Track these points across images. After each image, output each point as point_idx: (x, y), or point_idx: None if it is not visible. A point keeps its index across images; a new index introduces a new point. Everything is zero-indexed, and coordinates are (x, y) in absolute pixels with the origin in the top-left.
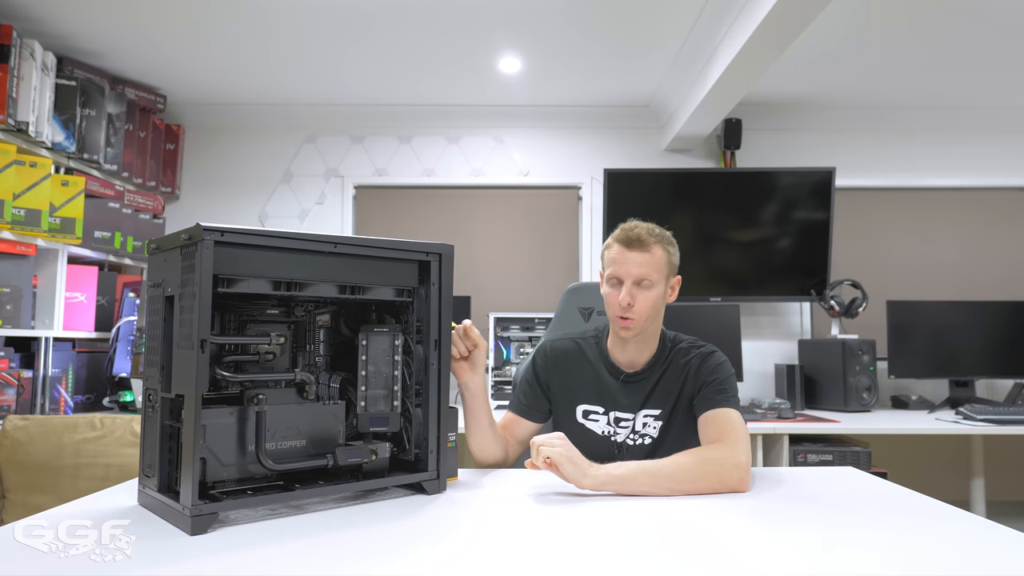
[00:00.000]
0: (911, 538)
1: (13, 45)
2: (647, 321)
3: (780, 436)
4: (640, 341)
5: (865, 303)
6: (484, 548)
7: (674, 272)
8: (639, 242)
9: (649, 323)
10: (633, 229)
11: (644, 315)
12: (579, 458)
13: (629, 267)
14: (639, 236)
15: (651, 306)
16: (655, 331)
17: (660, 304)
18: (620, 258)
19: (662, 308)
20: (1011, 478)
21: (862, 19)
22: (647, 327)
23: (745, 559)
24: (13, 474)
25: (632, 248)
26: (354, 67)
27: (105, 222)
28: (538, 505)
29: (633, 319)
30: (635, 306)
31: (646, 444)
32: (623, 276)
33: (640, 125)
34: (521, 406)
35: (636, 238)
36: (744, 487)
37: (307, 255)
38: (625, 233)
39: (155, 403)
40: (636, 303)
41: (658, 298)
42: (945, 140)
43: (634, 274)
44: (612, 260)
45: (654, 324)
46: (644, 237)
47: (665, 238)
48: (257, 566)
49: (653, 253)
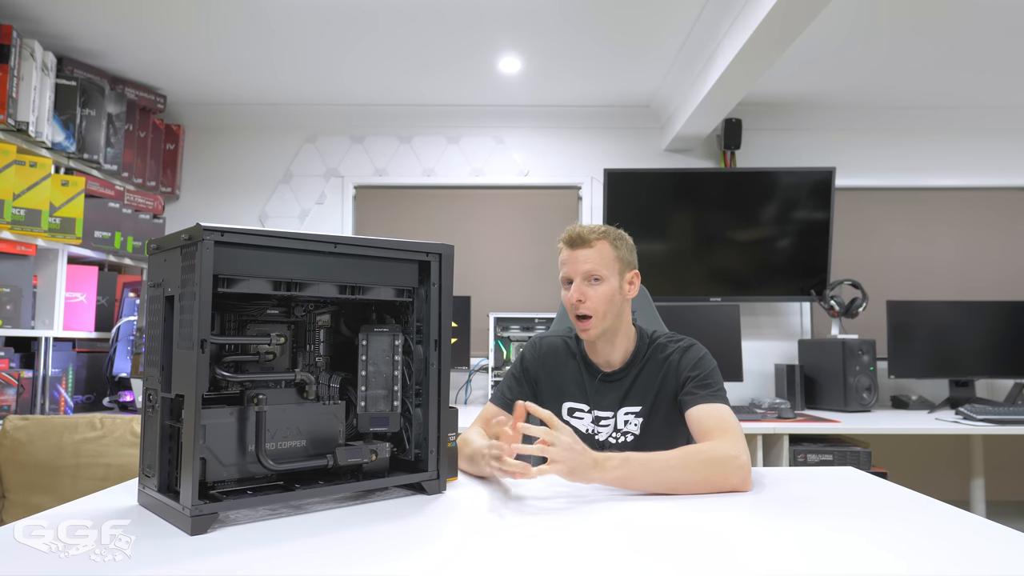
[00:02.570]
0: (911, 538)
1: (13, 45)
2: (603, 318)
3: (780, 436)
4: (608, 340)
5: (865, 303)
6: (484, 548)
7: (629, 267)
8: (581, 239)
9: (608, 320)
10: (575, 229)
11: (599, 311)
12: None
13: (576, 264)
14: (580, 234)
15: (604, 301)
16: (624, 329)
17: (615, 299)
18: (567, 258)
19: (622, 304)
20: (1011, 478)
21: (862, 19)
22: (606, 325)
23: (745, 559)
24: (13, 474)
25: (575, 247)
26: (354, 67)
27: (105, 222)
28: (538, 505)
29: (589, 317)
30: (586, 302)
31: (628, 442)
32: (572, 275)
33: (640, 125)
34: (506, 400)
35: (578, 236)
36: (746, 487)
37: (307, 255)
38: (568, 234)
39: (155, 403)
40: (587, 299)
41: (611, 292)
42: (945, 140)
43: (581, 271)
44: (562, 262)
45: (617, 321)
46: (586, 235)
47: (611, 234)
48: (257, 566)
49: (598, 248)
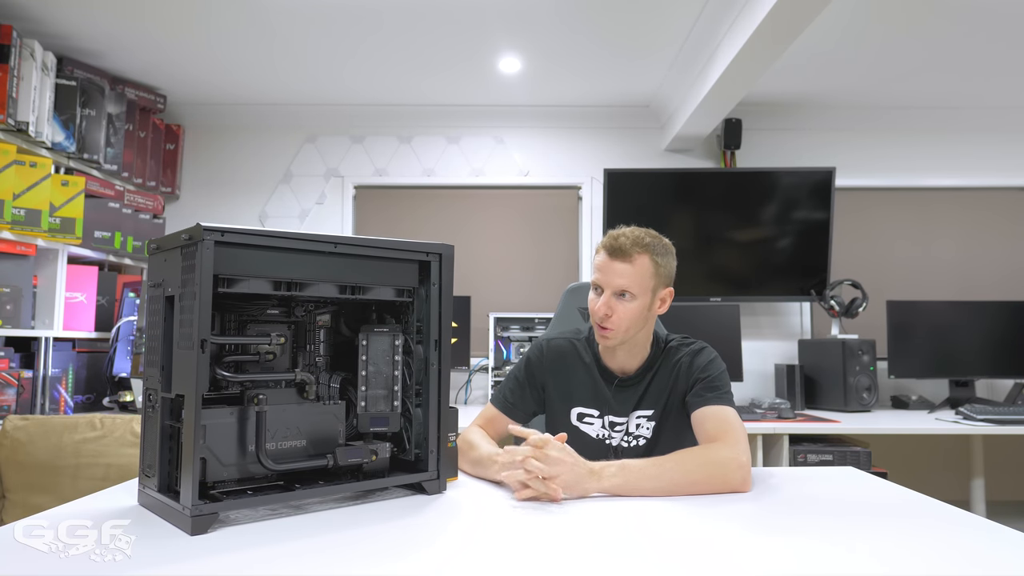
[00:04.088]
0: (911, 538)
1: (13, 45)
2: (626, 333)
3: (780, 436)
4: (627, 349)
5: (865, 303)
6: (484, 548)
7: (664, 283)
8: (622, 252)
9: (630, 334)
10: (619, 237)
11: (622, 327)
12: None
13: (610, 276)
14: (622, 246)
15: (630, 319)
16: (644, 339)
17: (642, 316)
18: (603, 266)
19: (648, 319)
20: (1011, 478)
21: (862, 19)
22: (628, 338)
23: (745, 559)
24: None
25: (615, 257)
26: (354, 67)
27: (105, 222)
28: (538, 505)
29: (611, 329)
30: (612, 317)
31: (640, 445)
32: (604, 285)
33: (640, 125)
34: (506, 403)
35: (620, 248)
36: (746, 487)
37: (307, 255)
38: (611, 240)
39: (155, 403)
40: (614, 315)
41: (640, 310)
42: (945, 140)
43: (614, 284)
44: (597, 267)
45: (641, 334)
46: (628, 248)
47: (656, 248)
48: (257, 566)
49: (637, 264)
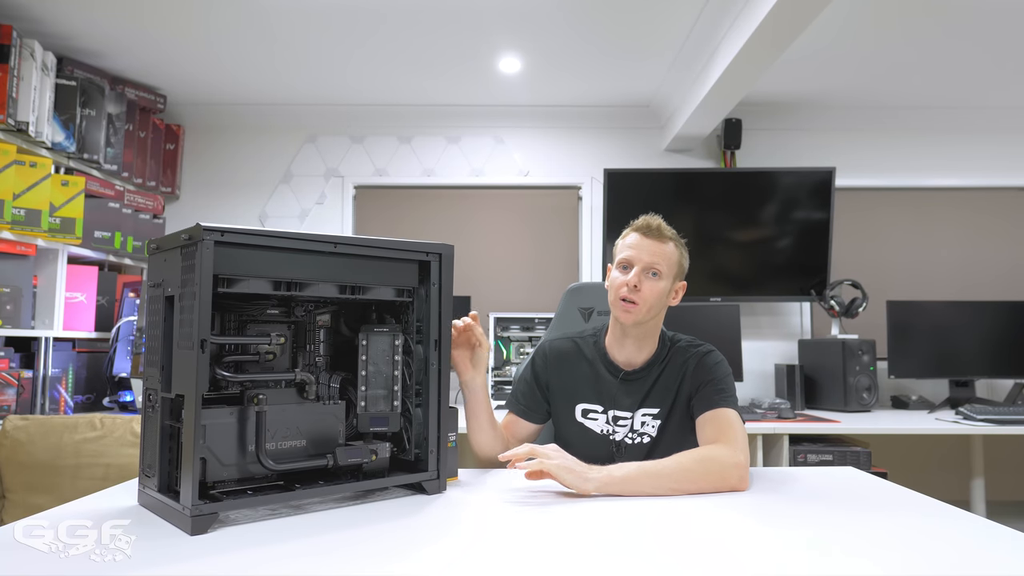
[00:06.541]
0: (911, 538)
1: (13, 45)
2: (649, 311)
3: (780, 436)
4: (639, 337)
5: (865, 303)
6: (484, 548)
7: (681, 275)
8: (658, 232)
9: (650, 315)
10: (653, 219)
11: (648, 303)
12: (576, 464)
13: (643, 253)
14: (659, 226)
15: (655, 296)
16: (655, 329)
17: (663, 300)
18: (636, 244)
19: (664, 306)
20: (1011, 478)
21: (862, 19)
22: (647, 319)
23: (745, 559)
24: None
25: (650, 236)
26: (354, 67)
27: (105, 222)
28: (538, 505)
29: (637, 303)
30: (641, 291)
31: (644, 443)
32: (636, 260)
33: (640, 125)
34: (520, 407)
35: (656, 227)
36: (744, 486)
37: (307, 255)
38: (646, 221)
39: (155, 403)
40: (643, 288)
41: (664, 291)
42: (945, 140)
43: (646, 260)
44: (627, 246)
45: (655, 320)
46: (664, 229)
47: (679, 241)
48: (257, 566)
49: (668, 247)
